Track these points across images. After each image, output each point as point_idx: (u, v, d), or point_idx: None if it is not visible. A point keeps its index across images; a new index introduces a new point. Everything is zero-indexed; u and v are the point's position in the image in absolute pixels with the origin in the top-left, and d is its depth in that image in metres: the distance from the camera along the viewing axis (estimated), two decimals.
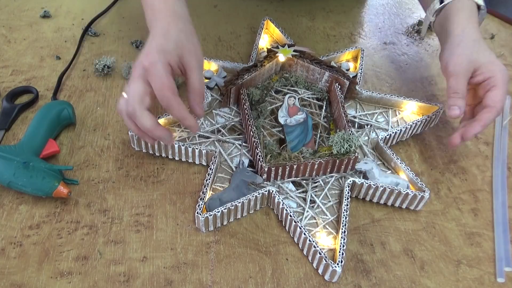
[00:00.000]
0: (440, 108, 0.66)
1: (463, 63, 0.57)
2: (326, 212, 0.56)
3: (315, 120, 0.65)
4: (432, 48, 0.84)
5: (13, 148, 0.56)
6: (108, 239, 0.53)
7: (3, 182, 0.54)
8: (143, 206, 0.56)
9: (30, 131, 0.59)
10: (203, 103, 0.51)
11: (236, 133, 0.64)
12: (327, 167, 0.58)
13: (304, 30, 0.86)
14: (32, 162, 0.54)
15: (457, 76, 0.57)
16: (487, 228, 0.57)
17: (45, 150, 0.58)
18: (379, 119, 0.68)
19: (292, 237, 0.54)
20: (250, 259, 0.52)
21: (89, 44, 0.79)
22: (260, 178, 0.57)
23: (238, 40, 0.82)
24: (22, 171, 0.53)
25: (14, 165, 0.54)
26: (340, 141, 0.57)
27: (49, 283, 0.49)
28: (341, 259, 0.49)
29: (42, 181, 0.53)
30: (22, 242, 0.52)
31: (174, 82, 0.50)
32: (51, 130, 0.61)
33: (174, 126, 0.63)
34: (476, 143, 0.68)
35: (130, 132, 0.59)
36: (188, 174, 0.60)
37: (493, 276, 0.52)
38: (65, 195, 0.54)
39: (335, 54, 0.75)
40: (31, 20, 0.83)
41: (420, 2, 0.75)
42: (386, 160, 0.61)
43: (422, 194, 0.56)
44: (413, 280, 0.51)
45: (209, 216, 0.52)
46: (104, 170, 0.59)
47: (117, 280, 0.49)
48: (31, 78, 0.71)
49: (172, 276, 0.50)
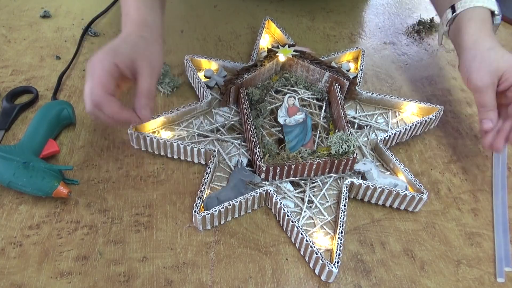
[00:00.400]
0: (440, 109, 0.66)
1: (484, 77, 0.56)
2: (324, 212, 0.56)
3: (315, 121, 0.65)
4: (432, 48, 0.84)
5: (13, 148, 0.56)
6: (108, 239, 0.53)
7: (3, 182, 0.54)
8: (143, 206, 0.56)
9: (30, 131, 0.59)
10: (150, 108, 0.52)
11: (235, 132, 0.64)
12: (326, 167, 0.58)
13: (304, 30, 0.86)
14: (32, 162, 0.54)
15: (481, 91, 0.56)
16: (487, 228, 0.57)
17: (45, 150, 0.58)
18: (378, 120, 0.67)
19: (290, 237, 0.54)
20: (250, 259, 0.52)
21: (89, 44, 0.79)
22: (258, 177, 0.57)
23: (238, 40, 0.82)
24: (22, 171, 0.53)
25: (14, 165, 0.54)
26: (339, 142, 0.57)
27: (49, 283, 0.49)
28: (337, 260, 0.49)
29: (42, 181, 0.53)
30: (22, 242, 0.52)
31: (111, 80, 0.51)
32: (51, 130, 0.61)
33: (173, 125, 0.63)
34: (476, 143, 0.68)
35: (130, 131, 0.59)
36: (188, 174, 0.60)
37: (493, 276, 0.52)
38: (65, 195, 0.54)
39: (336, 54, 0.75)
40: (31, 20, 0.83)
41: (435, 8, 0.72)
42: (385, 161, 0.61)
43: (420, 195, 0.55)
44: (413, 280, 0.51)
45: (206, 215, 0.52)
46: (104, 170, 0.60)
47: (117, 280, 0.49)
48: (31, 78, 0.71)
49: (172, 276, 0.50)
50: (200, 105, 0.65)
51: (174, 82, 0.70)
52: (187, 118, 0.65)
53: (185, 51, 0.78)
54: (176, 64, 0.76)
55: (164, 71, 0.70)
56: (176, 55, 0.78)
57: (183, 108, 0.63)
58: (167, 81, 0.70)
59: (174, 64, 0.76)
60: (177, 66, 0.75)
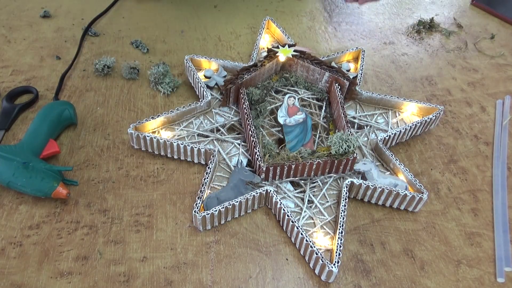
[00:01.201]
0: (440, 110, 0.66)
1: None
2: (324, 212, 0.56)
3: (315, 121, 0.65)
4: (432, 48, 0.84)
5: (13, 148, 0.56)
6: (108, 239, 0.53)
7: (2, 182, 0.54)
8: (143, 206, 0.56)
9: (31, 131, 0.59)
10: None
11: (235, 132, 0.64)
12: (326, 167, 0.58)
13: (304, 30, 0.86)
14: (31, 162, 0.54)
15: None
16: (487, 228, 0.57)
17: (46, 150, 0.58)
18: (378, 120, 0.67)
19: (290, 237, 0.54)
20: (250, 259, 0.52)
21: (89, 44, 0.79)
22: (258, 177, 0.57)
23: (238, 40, 0.82)
24: (21, 171, 0.53)
25: (14, 165, 0.54)
26: (339, 142, 0.57)
27: (49, 283, 0.49)
28: (337, 260, 0.49)
29: (41, 182, 0.53)
30: (22, 242, 0.52)
31: None
32: (52, 130, 0.60)
33: (173, 125, 0.63)
34: (476, 143, 0.68)
35: (130, 130, 0.59)
36: (188, 174, 0.60)
37: (493, 276, 0.52)
38: (64, 196, 0.54)
39: (336, 54, 0.75)
40: (31, 20, 0.83)
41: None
42: (385, 161, 0.61)
43: (420, 195, 0.55)
44: (413, 280, 0.51)
45: (206, 214, 0.52)
46: (104, 170, 0.60)
47: (117, 280, 0.49)
48: (31, 78, 0.71)
49: (172, 276, 0.50)
50: (200, 105, 0.65)
51: (174, 82, 0.71)
52: (187, 118, 0.65)
53: (185, 51, 0.79)
54: (176, 64, 0.76)
55: (164, 71, 0.70)
56: (176, 55, 0.78)
57: (183, 108, 0.63)
58: (167, 81, 0.70)
59: (174, 64, 0.76)
60: (177, 66, 0.75)
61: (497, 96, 0.75)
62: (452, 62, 0.82)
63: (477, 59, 0.83)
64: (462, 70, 0.80)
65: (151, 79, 0.70)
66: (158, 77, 0.70)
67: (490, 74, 0.80)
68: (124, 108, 0.68)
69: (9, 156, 0.54)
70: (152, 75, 0.70)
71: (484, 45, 0.86)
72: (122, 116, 0.67)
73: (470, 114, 0.72)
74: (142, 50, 0.78)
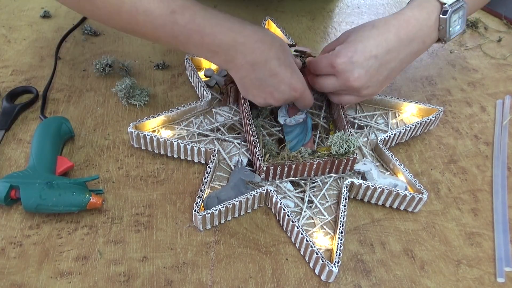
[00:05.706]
0: (439, 111, 0.66)
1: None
2: (324, 212, 0.56)
3: (315, 121, 0.65)
4: (432, 48, 0.84)
5: (26, 172, 0.53)
6: (108, 239, 0.53)
7: (30, 207, 0.52)
8: (143, 206, 0.56)
9: (36, 152, 0.56)
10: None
11: (235, 132, 0.64)
12: (326, 167, 0.58)
13: (304, 30, 0.86)
14: (54, 180, 0.53)
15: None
16: (487, 228, 0.57)
17: (59, 167, 0.56)
18: (378, 120, 0.67)
19: (290, 237, 0.54)
20: (250, 259, 0.52)
21: (89, 44, 0.79)
22: (259, 177, 0.57)
23: None
24: (48, 192, 0.51)
25: (37, 188, 0.52)
26: (339, 142, 0.57)
27: (49, 283, 0.49)
28: (337, 260, 0.49)
29: (72, 197, 0.52)
30: (22, 242, 0.52)
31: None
32: (56, 146, 0.58)
33: (173, 124, 0.63)
34: (476, 143, 0.68)
35: (130, 129, 0.59)
36: (188, 174, 0.60)
37: (493, 276, 0.52)
38: (100, 205, 0.53)
39: None
40: (31, 20, 0.83)
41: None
42: (385, 161, 0.61)
43: (420, 196, 0.55)
44: (413, 280, 0.51)
45: (206, 214, 0.52)
46: (104, 170, 0.60)
47: (117, 280, 0.49)
48: (31, 78, 0.71)
49: (172, 276, 0.50)
50: (200, 104, 0.65)
51: (146, 91, 0.68)
52: (187, 117, 0.65)
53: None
54: (176, 63, 0.76)
55: (132, 83, 0.67)
56: (176, 54, 0.78)
57: (183, 107, 0.63)
58: (138, 93, 0.67)
59: (174, 64, 0.76)
60: (177, 65, 0.75)
61: (497, 96, 0.76)
62: (452, 62, 0.82)
63: (477, 59, 0.83)
64: (462, 70, 0.80)
65: (121, 96, 0.67)
66: (127, 92, 0.67)
67: (490, 74, 0.80)
68: (124, 108, 0.68)
69: (28, 180, 0.52)
70: (122, 91, 0.67)
71: (487, 47, 0.86)
72: (122, 116, 0.67)
73: (470, 114, 0.72)
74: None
